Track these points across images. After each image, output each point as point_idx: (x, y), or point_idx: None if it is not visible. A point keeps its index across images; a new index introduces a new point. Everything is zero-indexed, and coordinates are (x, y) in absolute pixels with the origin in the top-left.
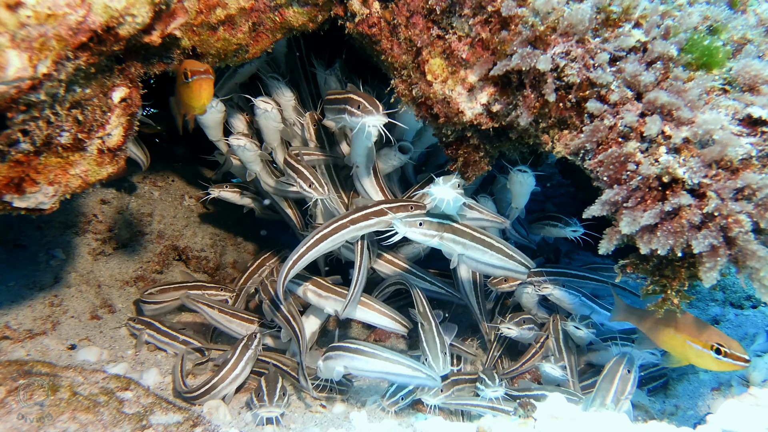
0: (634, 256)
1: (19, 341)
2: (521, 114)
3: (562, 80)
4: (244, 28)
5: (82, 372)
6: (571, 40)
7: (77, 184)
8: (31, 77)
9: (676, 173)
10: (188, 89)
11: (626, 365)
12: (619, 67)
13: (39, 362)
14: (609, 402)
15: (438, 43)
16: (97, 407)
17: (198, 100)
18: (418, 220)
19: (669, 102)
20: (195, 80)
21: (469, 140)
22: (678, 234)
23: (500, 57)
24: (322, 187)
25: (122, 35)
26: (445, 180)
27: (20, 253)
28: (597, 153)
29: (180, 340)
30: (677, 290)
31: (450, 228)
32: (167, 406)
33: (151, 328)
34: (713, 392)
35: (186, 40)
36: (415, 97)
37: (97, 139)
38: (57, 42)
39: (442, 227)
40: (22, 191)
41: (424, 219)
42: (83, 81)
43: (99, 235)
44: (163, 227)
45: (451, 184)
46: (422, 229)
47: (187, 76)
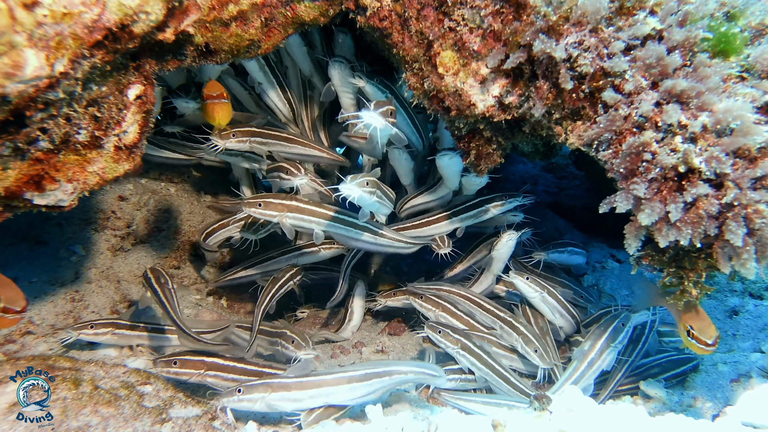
0: (650, 248)
1: (42, 336)
2: (534, 105)
3: (575, 70)
4: (256, 23)
5: (103, 366)
6: (585, 29)
7: (95, 181)
8: (48, 76)
9: (693, 163)
10: (206, 109)
11: (621, 320)
12: (633, 55)
13: (62, 357)
14: (599, 344)
15: (449, 35)
16: (118, 401)
17: (213, 121)
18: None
19: (688, 88)
20: (208, 104)
21: (482, 133)
22: (696, 224)
23: (512, 48)
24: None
25: (136, 33)
26: (377, 106)
27: (42, 250)
28: (612, 143)
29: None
30: (695, 281)
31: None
32: (186, 400)
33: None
34: (732, 384)
35: (199, 36)
36: (426, 90)
37: (113, 136)
38: (73, 40)
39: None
40: (42, 189)
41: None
42: (99, 79)
43: (118, 231)
44: (180, 223)
45: (382, 111)
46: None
47: (203, 98)
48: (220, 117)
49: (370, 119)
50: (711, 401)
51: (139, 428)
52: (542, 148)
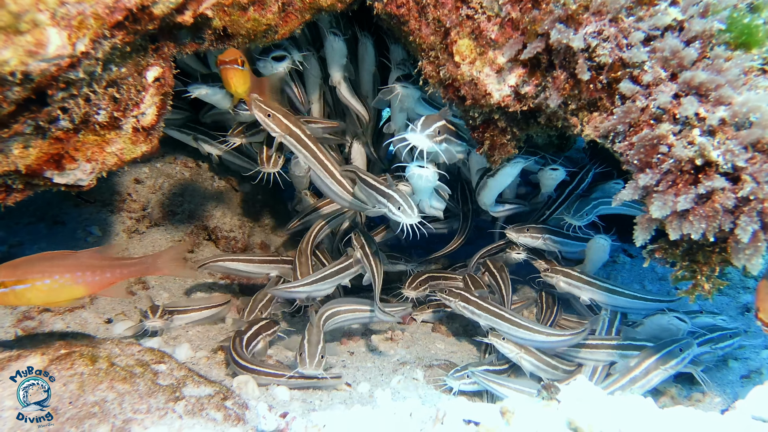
0: (663, 241)
1: (60, 314)
2: (550, 96)
3: (594, 60)
4: (273, 8)
5: (119, 344)
6: (604, 18)
7: (113, 162)
8: (70, 55)
9: (710, 156)
10: (222, 77)
11: (681, 345)
12: (653, 46)
13: (79, 334)
14: (647, 363)
15: (467, 23)
16: (134, 378)
17: (228, 87)
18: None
19: (707, 80)
20: (221, 69)
21: (496, 123)
22: (711, 218)
23: (530, 37)
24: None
25: (156, 14)
26: (425, 124)
27: (59, 230)
28: (628, 135)
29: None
30: (708, 276)
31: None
32: (199, 380)
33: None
34: (742, 380)
35: (217, 20)
36: (442, 78)
37: (132, 117)
38: (95, 20)
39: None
40: (62, 168)
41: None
42: (119, 60)
43: (133, 213)
44: (194, 207)
45: (429, 131)
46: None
47: (217, 64)
48: (235, 83)
49: (417, 141)
50: (720, 396)
51: (154, 405)
52: (556, 140)
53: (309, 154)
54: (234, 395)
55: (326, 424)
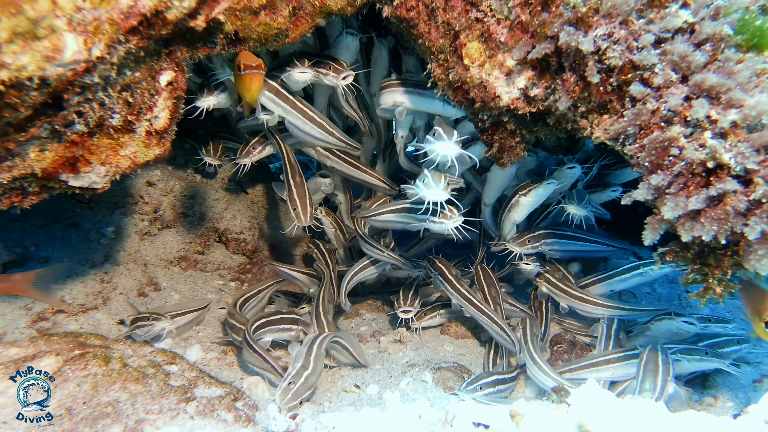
0: (674, 244)
1: (73, 315)
2: (560, 98)
3: (603, 63)
4: (284, 12)
5: (132, 345)
6: (615, 21)
7: (127, 165)
8: (86, 60)
9: (722, 158)
10: (241, 81)
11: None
12: (663, 49)
13: (92, 335)
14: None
15: (476, 26)
16: (146, 378)
17: (248, 92)
18: None
19: (718, 83)
20: (246, 74)
21: (505, 125)
22: (722, 221)
23: (540, 40)
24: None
25: (170, 19)
26: (447, 132)
27: (73, 232)
28: (639, 138)
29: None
30: (719, 279)
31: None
32: (210, 381)
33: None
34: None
35: (229, 24)
36: (451, 81)
37: (145, 121)
38: (110, 26)
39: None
40: (77, 171)
41: None
42: (133, 64)
43: (145, 215)
44: (205, 209)
45: (456, 136)
46: None
47: (240, 68)
48: (256, 88)
49: (445, 149)
50: (732, 401)
51: (166, 406)
52: (565, 143)
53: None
54: (244, 396)
55: (336, 425)
